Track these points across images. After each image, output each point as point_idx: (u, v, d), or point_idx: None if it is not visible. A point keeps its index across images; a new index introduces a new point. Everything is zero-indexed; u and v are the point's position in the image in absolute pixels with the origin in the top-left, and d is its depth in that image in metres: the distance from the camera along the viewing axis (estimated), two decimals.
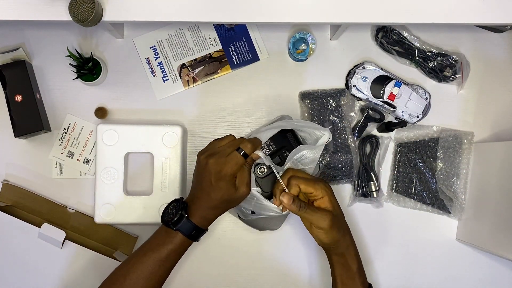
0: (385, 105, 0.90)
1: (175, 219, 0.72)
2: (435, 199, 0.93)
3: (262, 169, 0.80)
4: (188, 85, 0.94)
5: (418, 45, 0.92)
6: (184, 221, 0.72)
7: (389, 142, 0.94)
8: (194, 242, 0.75)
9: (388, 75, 0.91)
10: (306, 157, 0.78)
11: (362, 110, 0.93)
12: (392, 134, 0.94)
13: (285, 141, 0.82)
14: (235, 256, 0.93)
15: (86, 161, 0.92)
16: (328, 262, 0.80)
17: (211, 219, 0.75)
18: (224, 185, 0.71)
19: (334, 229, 0.74)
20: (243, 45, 0.94)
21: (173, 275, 0.91)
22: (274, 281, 0.93)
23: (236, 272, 0.92)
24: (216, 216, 0.75)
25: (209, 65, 0.94)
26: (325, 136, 0.78)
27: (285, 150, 0.81)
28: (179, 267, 0.91)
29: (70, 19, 0.70)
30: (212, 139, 0.78)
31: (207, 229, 0.76)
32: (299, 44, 0.91)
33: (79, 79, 0.89)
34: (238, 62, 0.94)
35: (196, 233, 0.73)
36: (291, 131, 0.82)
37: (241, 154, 0.72)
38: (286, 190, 0.75)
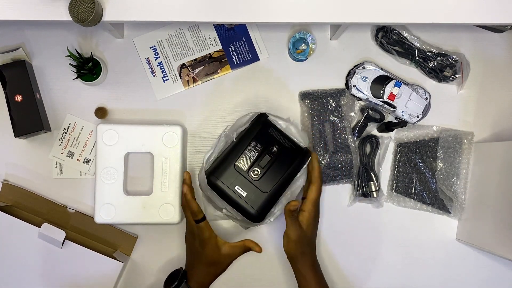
0: (385, 105, 0.90)
1: (176, 284, 0.80)
2: (435, 199, 0.93)
3: (256, 172, 0.82)
4: (188, 85, 0.93)
5: (418, 45, 0.92)
6: (184, 286, 0.81)
7: (389, 142, 0.94)
8: None
9: (388, 75, 0.91)
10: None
11: (362, 110, 0.93)
12: (392, 134, 0.94)
13: (269, 137, 0.83)
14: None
15: (86, 161, 0.92)
16: None
17: (206, 284, 0.84)
18: (209, 248, 0.81)
19: (296, 244, 0.81)
20: (243, 45, 0.94)
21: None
22: (274, 281, 0.93)
23: (236, 272, 0.92)
24: (211, 280, 0.84)
25: (209, 65, 0.94)
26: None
27: (272, 147, 0.83)
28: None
29: (70, 19, 0.70)
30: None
31: None
32: (299, 44, 0.91)
33: (79, 79, 0.89)
34: (238, 62, 0.94)
35: None
36: (272, 126, 0.84)
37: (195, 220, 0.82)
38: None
